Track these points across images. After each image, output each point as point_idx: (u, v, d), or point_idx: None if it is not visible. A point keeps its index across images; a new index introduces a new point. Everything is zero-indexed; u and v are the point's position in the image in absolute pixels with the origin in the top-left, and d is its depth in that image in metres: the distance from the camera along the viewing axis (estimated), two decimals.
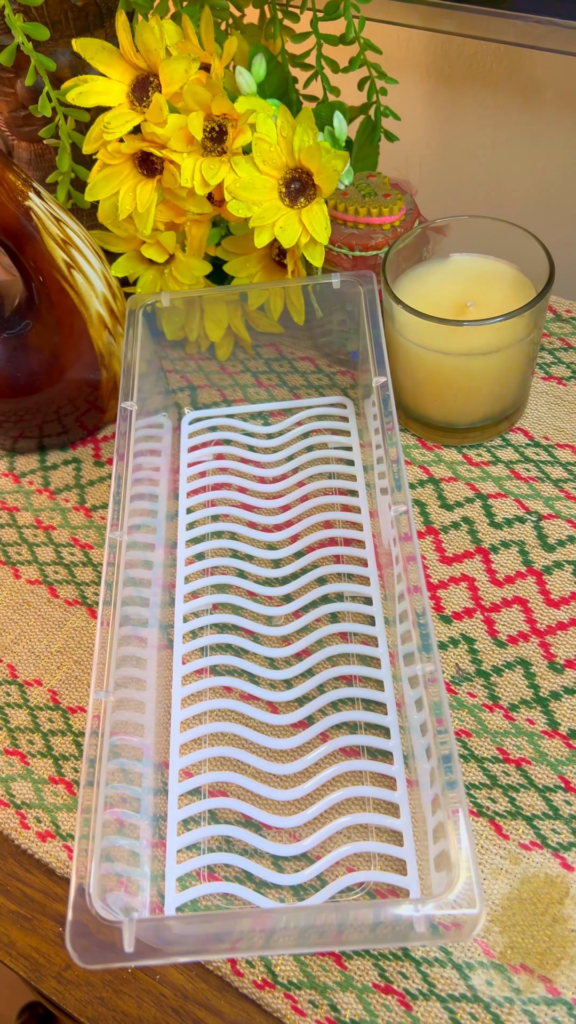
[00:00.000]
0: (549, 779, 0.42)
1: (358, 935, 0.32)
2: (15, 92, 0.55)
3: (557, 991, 0.37)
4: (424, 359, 0.50)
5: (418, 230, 0.52)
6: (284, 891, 0.40)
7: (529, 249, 0.50)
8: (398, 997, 0.37)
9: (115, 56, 0.48)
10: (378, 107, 0.57)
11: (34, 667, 0.49)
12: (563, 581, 0.48)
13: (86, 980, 0.40)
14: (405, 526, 0.40)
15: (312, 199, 0.48)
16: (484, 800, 0.42)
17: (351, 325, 0.54)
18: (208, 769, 0.43)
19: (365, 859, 0.40)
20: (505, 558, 0.49)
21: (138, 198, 0.50)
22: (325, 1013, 0.37)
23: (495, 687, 0.45)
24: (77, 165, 0.53)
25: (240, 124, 0.48)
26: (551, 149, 0.66)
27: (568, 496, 0.51)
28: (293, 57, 0.57)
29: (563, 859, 0.40)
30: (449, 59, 0.66)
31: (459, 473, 0.53)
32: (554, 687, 0.44)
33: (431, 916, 0.31)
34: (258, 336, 0.58)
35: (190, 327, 0.55)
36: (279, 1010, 0.38)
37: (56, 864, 0.42)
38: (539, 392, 0.56)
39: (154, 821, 0.42)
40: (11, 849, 0.43)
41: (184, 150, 0.48)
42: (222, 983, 0.39)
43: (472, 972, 0.37)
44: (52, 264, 0.50)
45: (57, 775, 0.45)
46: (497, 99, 0.66)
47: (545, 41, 0.58)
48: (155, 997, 0.39)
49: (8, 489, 0.57)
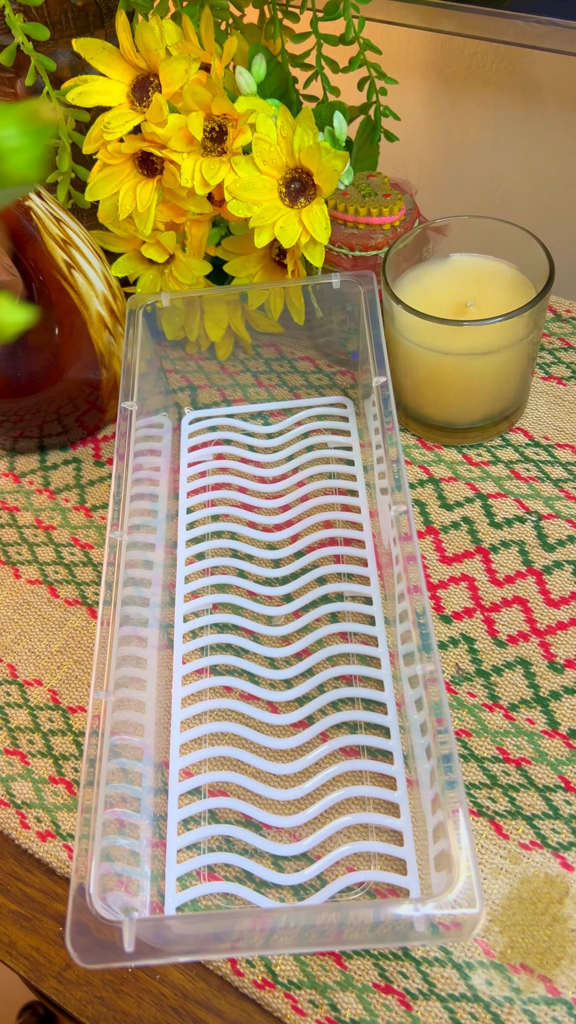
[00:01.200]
0: (549, 779, 0.42)
1: (358, 935, 0.32)
2: (15, 92, 0.55)
3: (557, 991, 0.37)
4: (424, 359, 0.50)
5: (418, 230, 0.52)
6: (284, 891, 0.40)
7: (529, 249, 0.50)
8: (398, 997, 0.37)
9: (115, 56, 0.48)
10: (378, 107, 0.57)
11: (34, 667, 0.49)
12: (563, 581, 0.48)
13: (86, 980, 0.40)
14: (405, 526, 0.40)
15: (312, 199, 0.49)
16: (484, 800, 0.42)
17: (351, 325, 0.54)
18: (208, 769, 0.43)
19: (365, 859, 0.40)
20: (505, 558, 0.49)
21: (138, 198, 0.50)
22: (325, 1013, 0.37)
23: (495, 687, 0.45)
24: (77, 165, 0.53)
25: (240, 124, 0.48)
26: (551, 149, 0.66)
27: (568, 496, 0.51)
28: (293, 57, 0.57)
29: (563, 859, 0.40)
30: (449, 59, 0.66)
31: (459, 473, 0.53)
32: (554, 687, 0.44)
33: (431, 916, 0.31)
34: (258, 336, 0.58)
35: (190, 327, 0.55)
36: (279, 1010, 0.38)
37: (56, 864, 0.42)
38: (539, 392, 0.56)
39: (154, 821, 0.42)
40: (11, 849, 0.43)
41: (184, 150, 0.48)
42: (222, 983, 0.39)
43: (472, 972, 0.37)
44: (52, 264, 0.50)
45: (57, 775, 0.45)
46: (497, 99, 0.66)
47: (545, 41, 0.58)
48: (155, 997, 0.39)
49: (8, 489, 0.57)
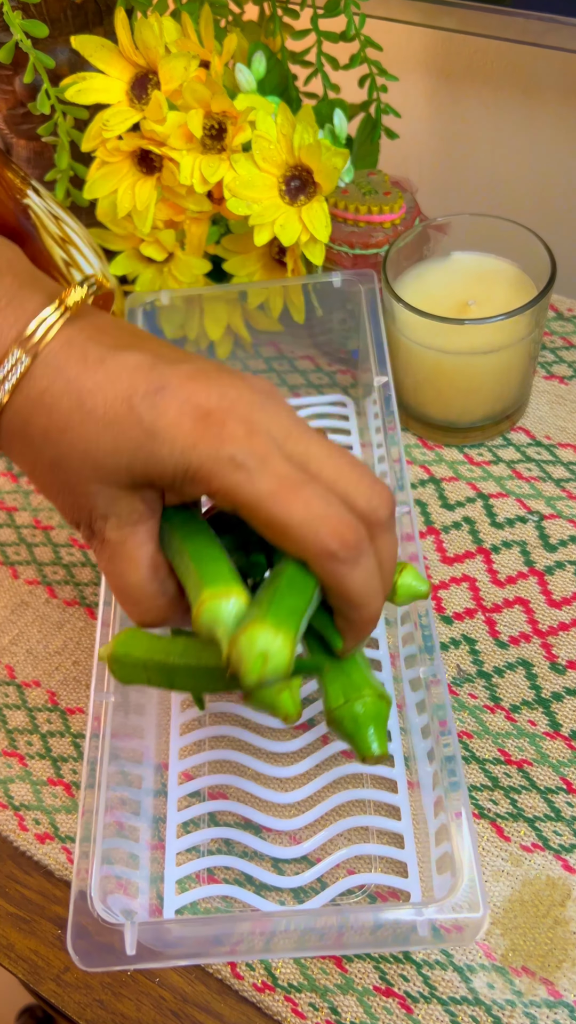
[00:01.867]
0: (551, 781, 0.42)
1: (359, 938, 0.32)
2: (14, 90, 0.55)
3: (559, 993, 0.36)
4: (425, 358, 0.50)
5: (419, 228, 0.52)
6: (284, 894, 0.40)
7: (530, 247, 0.50)
8: (399, 1000, 0.37)
9: (114, 53, 0.48)
10: (378, 104, 0.57)
11: (32, 668, 0.48)
12: (565, 581, 0.48)
13: (85, 983, 0.40)
14: (406, 526, 0.40)
15: (312, 197, 0.48)
16: (485, 802, 0.41)
17: (351, 324, 0.53)
18: (208, 771, 0.43)
19: (366, 861, 0.40)
20: (507, 558, 0.49)
21: (137, 196, 0.49)
22: (325, 1016, 0.37)
23: (497, 688, 0.45)
24: (76, 163, 0.53)
25: (240, 121, 0.47)
26: (552, 146, 0.65)
27: (570, 496, 0.51)
28: (293, 54, 0.56)
29: (565, 861, 0.39)
30: (450, 56, 0.66)
31: (460, 473, 0.53)
32: (556, 688, 0.44)
33: (433, 920, 0.30)
34: (258, 335, 0.58)
35: (190, 325, 0.54)
36: (279, 1013, 0.37)
37: (55, 866, 0.42)
38: (541, 391, 0.56)
39: (154, 823, 0.42)
40: (10, 851, 0.43)
41: (183, 148, 0.48)
42: (222, 986, 0.39)
43: (473, 975, 0.37)
44: (51, 262, 0.50)
45: (56, 776, 0.44)
46: (498, 96, 0.65)
47: (546, 38, 0.58)
48: (154, 1000, 0.39)
49: (7, 489, 0.56)
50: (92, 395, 0.30)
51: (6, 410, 0.31)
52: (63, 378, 0.30)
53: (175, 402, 0.30)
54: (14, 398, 0.30)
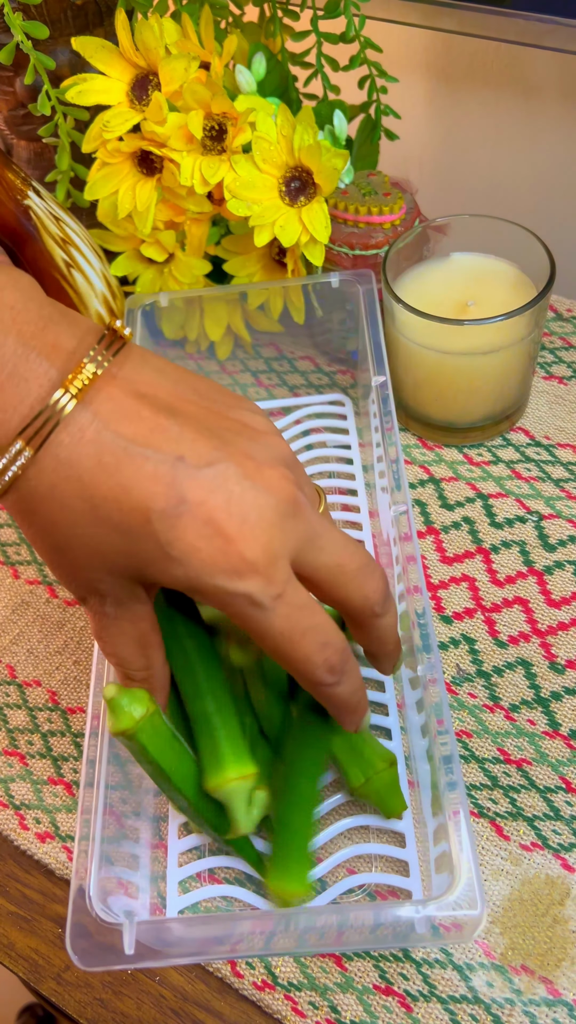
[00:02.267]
0: (550, 780, 0.42)
1: (358, 936, 0.32)
2: (14, 91, 0.55)
3: (558, 992, 0.37)
4: (424, 358, 0.50)
5: (418, 229, 0.52)
6: None
7: (530, 248, 0.50)
8: (399, 998, 0.37)
9: (114, 55, 0.48)
10: (378, 105, 0.57)
11: (33, 667, 0.48)
12: (564, 581, 0.48)
13: (85, 981, 0.40)
14: (405, 526, 0.40)
15: (312, 198, 0.48)
16: (485, 801, 0.41)
17: (351, 324, 0.53)
18: None
19: (366, 860, 0.40)
20: (506, 558, 0.49)
21: (137, 197, 0.49)
22: (325, 1014, 0.37)
23: (496, 688, 0.45)
24: (76, 164, 0.53)
25: (240, 123, 0.47)
26: (552, 147, 0.65)
27: (569, 496, 0.51)
28: (293, 55, 0.56)
29: (564, 860, 0.40)
30: (450, 57, 0.66)
31: (460, 473, 0.53)
32: (555, 687, 0.44)
33: (432, 917, 0.30)
34: (258, 335, 0.58)
35: (190, 326, 0.55)
36: (279, 1011, 0.38)
37: (55, 865, 0.42)
38: (540, 391, 0.56)
39: (154, 823, 0.42)
40: (10, 850, 0.43)
41: (184, 149, 0.48)
42: (222, 984, 0.39)
43: (473, 973, 0.37)
44: (51, 263, 0.50)
45: (56, 776, 0.45)
46: (498, 97, 0.65)
47: (546, 40, 0.58)
48: (155, 998, 0.39)
49: None
50: (106, 502, 0.29)
51: (7, 496, 0.30)
52: (75, 477, 0.29)
53: (194, 524, 0.29)
54: (19, 485, 0.29)
